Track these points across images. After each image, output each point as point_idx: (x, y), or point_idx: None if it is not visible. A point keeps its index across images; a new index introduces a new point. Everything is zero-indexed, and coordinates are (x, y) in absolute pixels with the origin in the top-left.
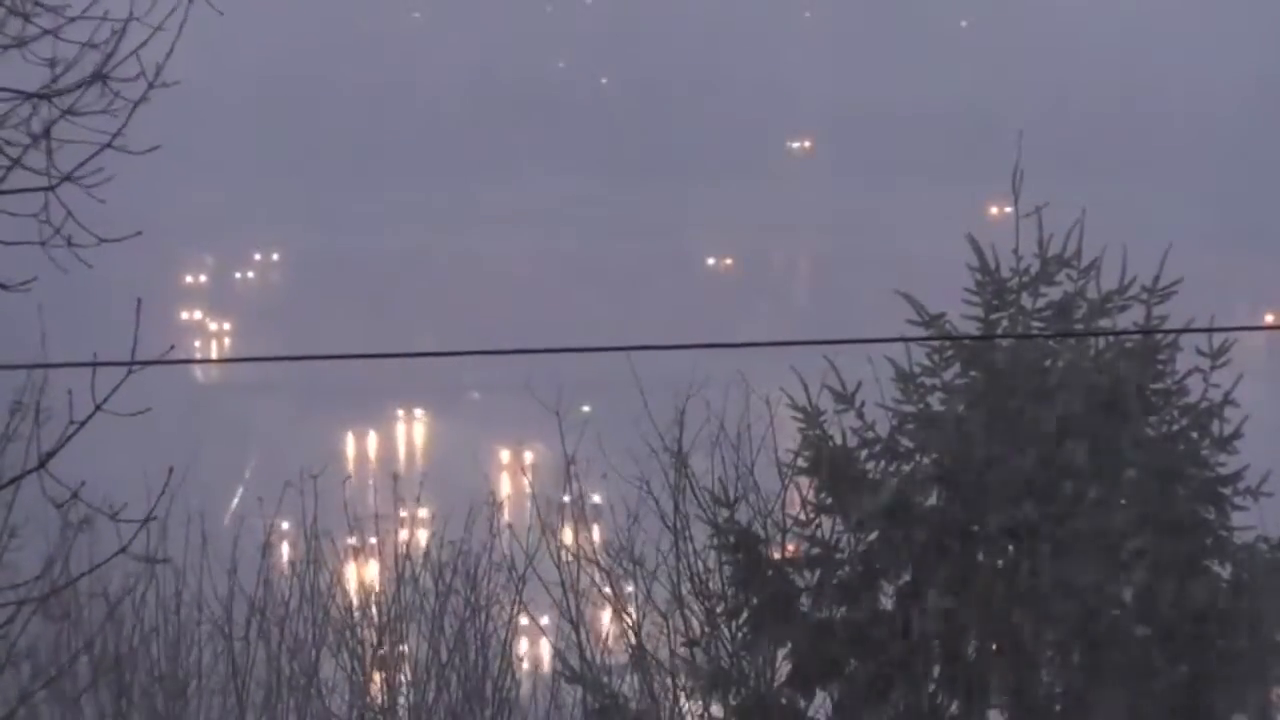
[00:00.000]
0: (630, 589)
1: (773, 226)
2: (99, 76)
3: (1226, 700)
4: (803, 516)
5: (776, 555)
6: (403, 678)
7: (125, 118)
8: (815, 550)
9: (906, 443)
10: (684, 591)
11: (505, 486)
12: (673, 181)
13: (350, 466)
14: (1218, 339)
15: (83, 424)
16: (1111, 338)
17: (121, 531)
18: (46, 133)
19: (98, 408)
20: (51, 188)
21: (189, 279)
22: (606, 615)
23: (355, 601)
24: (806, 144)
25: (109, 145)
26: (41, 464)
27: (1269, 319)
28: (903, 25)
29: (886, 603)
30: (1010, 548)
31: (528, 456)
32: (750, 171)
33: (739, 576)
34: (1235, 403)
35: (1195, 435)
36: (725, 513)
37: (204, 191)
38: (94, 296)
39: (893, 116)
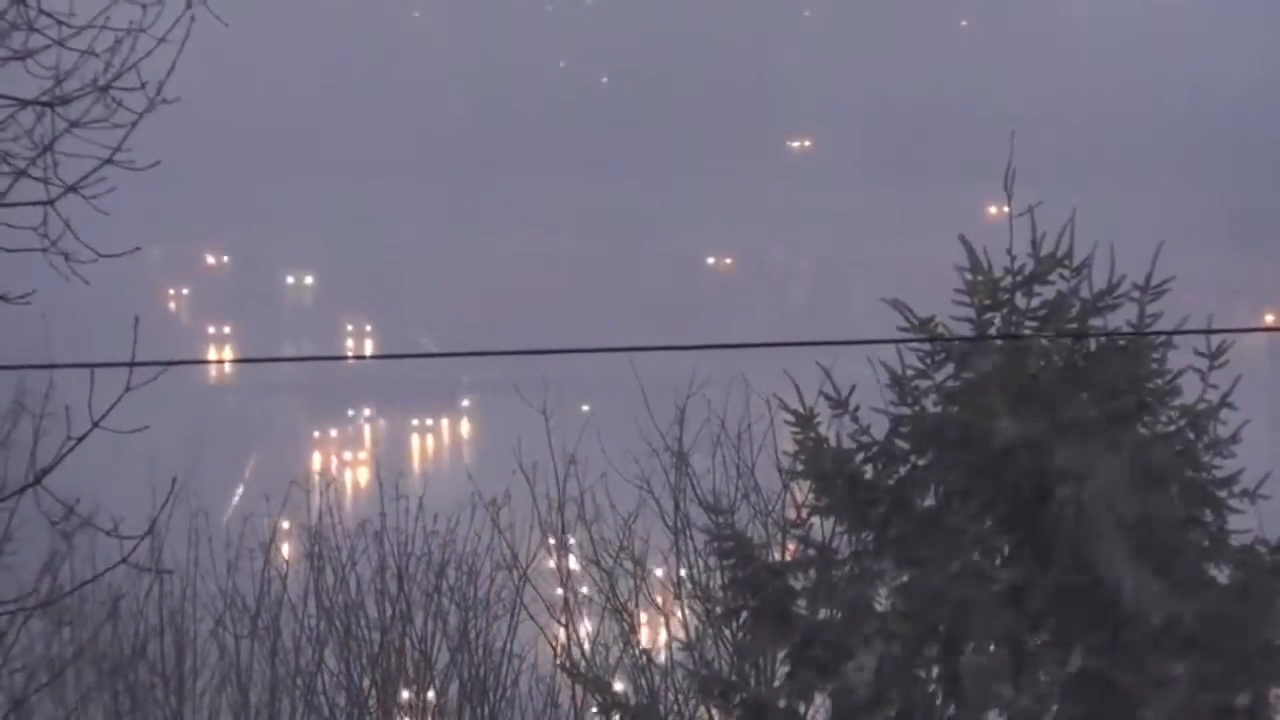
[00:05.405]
0: (630, 588)
1: (773, 226)
2: (101, 87)
3: (1226, 703)
4: (799, 519)
5: (775, 557)
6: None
7: (126, 133)
8: (811, 552)
9: (902, 445)
10: (684, 593)
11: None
12: (672, 181)
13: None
14: (1215, 340)
15: (80, 440)
16: (1104, 337)
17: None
18: (50, 146)
19: (95, 424)
20: (51, 202)
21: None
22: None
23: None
24: (806, 143)
25: (109, 161)
26: (38, 479)
27: (1269, 319)
28: (903, 25)
29: (883, 604)
30: (1006, 548)
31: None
32: (750, 171)
33: (735, 579)
34: (1233, 405)
35: (1191, 436)
36: (721, 519)
37: (201, 192)
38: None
39: (892, 115)
